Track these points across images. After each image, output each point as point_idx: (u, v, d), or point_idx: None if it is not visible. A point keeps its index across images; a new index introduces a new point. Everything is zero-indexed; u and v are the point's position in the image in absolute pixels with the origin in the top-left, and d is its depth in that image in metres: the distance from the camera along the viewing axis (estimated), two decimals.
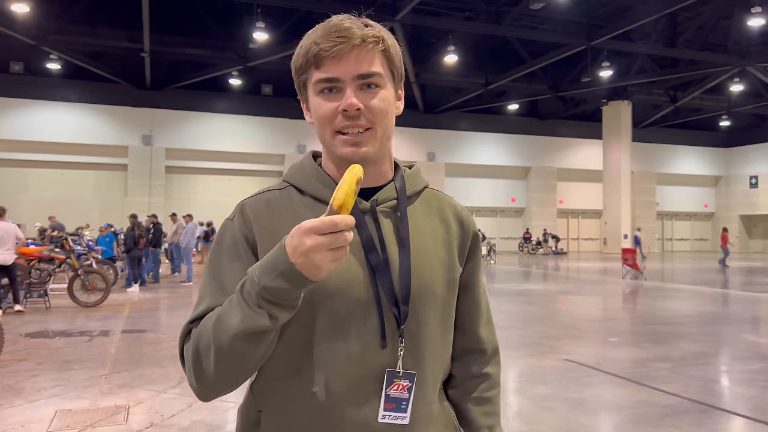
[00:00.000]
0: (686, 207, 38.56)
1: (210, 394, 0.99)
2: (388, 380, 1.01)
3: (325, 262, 0.85)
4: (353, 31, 1.00)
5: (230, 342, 0.92)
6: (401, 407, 1.02)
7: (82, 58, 23.34)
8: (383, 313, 1.01)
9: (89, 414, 4.40)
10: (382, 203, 1.07)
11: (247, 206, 1.08)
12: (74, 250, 10.85)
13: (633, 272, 16.43)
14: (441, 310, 1.09)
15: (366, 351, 1.00)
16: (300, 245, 0.84)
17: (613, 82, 27.10)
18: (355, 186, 0.88)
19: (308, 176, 1.10)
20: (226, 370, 0.95)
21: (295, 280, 0.87)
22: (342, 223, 0.84)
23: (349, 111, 1.00)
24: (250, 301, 0.90)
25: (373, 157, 1.04)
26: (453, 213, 1.16)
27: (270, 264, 0.88)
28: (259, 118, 28.27)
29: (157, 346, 6.93)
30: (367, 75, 1.01)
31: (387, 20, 19.98)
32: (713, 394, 5.12)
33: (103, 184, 26.57)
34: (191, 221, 15.58)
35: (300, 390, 1.01)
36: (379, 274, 1.02)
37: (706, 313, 10.10)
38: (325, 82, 1.02)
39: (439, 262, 1.09)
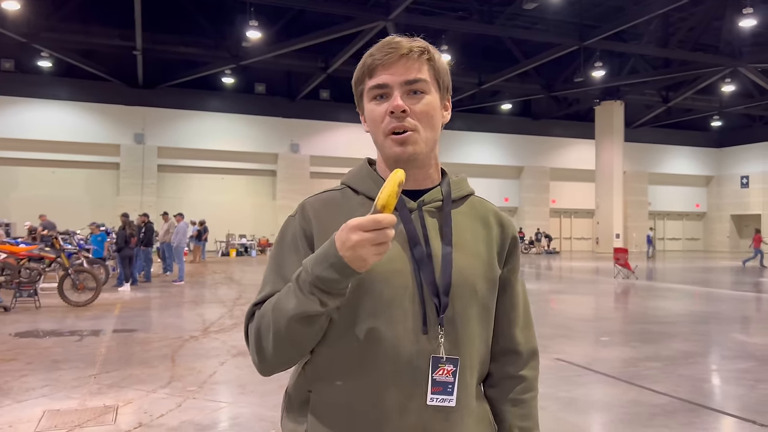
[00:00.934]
0: (678, 207, 38.76)
1: (270, 369, 1.12)
2: (433, 365, 1.09)
3: (369, 255, 0.96)
4: (402, 44, 1.14)
5: (286, 324, 1.04)
6: (447, 390, 1.10)
7: (73, 56, 23.20)
8: (425, 302, 1.10)
9: (77, 414, 4.37)
10: (428, 203, 1.18)
11: (307, 205, 1.19)
12: (65, 249, 10.78)
13: (625, 272, 16.49)
14: (480, 306, 1.17)
15: (408, 336, 1.09)
16: (347, 240, 0.96)
17: (606, 82, 27.20)
18: (396, 188, 0.97)
19: (363, 178, 1.22)
20: (282, 348, 1.08)
21: (342, 270, 0.98)
22: (384, 221, 0.95)
23: (395, 112, 1.11)
24: (304, 289, 1.02)
25: (419, 157, 1.15)
26: (495, 217, 1.25)
27: (322, 256, 1.00)
28: (252, 117, 28.19)
29: (147, 345, 6.90)
30: (413, 81, 1.13)
31: (380, 19, 19.98)
32: (703, 393, 5.14)
33: (95, 182, 26.44)
34: (182, 220, 15.52)
35: (347, 371, 1.10)
36: (422, 267, 1.12)
37: (697, 312, 10.15)
38: (377, 89, 1.14)
39: (479, 260, 1.18)
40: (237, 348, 6.75)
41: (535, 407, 1.26)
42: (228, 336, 7.49)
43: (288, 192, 28.64)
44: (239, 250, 26.55)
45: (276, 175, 29.10)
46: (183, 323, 8.54)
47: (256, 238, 27.83)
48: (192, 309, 9.95)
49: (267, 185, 29.55)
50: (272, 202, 29.19)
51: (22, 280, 9.75)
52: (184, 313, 9.57)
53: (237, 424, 4.25)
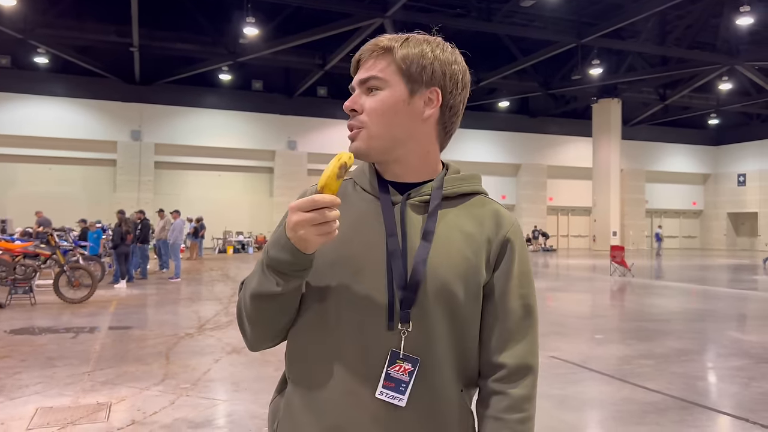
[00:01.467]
0: (675, 204, 38.82)
1: (252, 344, 1.17)
2: (390, 360, 1.08)
3: (310, 236, 0.98)
4: (371, 45, 1.15)
5: (250, 301, 1.09)
6: (400, 389, 1.07)
7: (70, 52, 23.12)
8: (393, 296, 1.08)
9: (70, 411, 4.37)
10: (414, 198, 1.16)
11: (308, 192, 1.18)
12: (60, 246, 10.76)
13: (621, 269, 16.52)
14: (454, 309, 1.10)
15: (373, 328, 1.08)
16: (289, 221, 0.99)
17: (603, 80, 27.20)
18: (338, 170, 0.99)
19: (362, 171, 1.24)
20: (253, 325, 1.12)
21: (291, 251, 1.01)
22: (321, 201, 0.96)
23: (345, 110, 1.15)
24: (264, 269, 1.06)
25: (372, 153, 1.14)
26: (493, 217, 1.18)
27: (277, 237, 1.04)
28: (249, 114, 28.14)
29: (142, 343, 6.90)
30: (365, 80, 1.14)
31: (377, 16, 19.95)
32: (696, 391, 5.15)
33: (92, 179, 26.37)
34: (179, 217, 15.49)
35: (315, 358, 1.12)
36: (394, 260, 1.09)
37: (692, 310, 10.17)
38: (352, 89, 1.18)
39: (462, 262, 1.11)
40: (232, 345, 6.75)
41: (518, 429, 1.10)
42: (223, 333, 7.49)
43: (285, 189, 28.61)
44: (236, 247, 26.52)
45: (273, 172, 29.06)
46: (178, 320, 8.53)
47: (253, 235, 27.81)
48: (188, 306, 9.95)
49: (264, 182, 29.52)
50: (269, 199, 29.16)
51: (18, 277, 9.73)
52: (180, 310, 9.56)
53: (231, 422, 4.25)
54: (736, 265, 21.94)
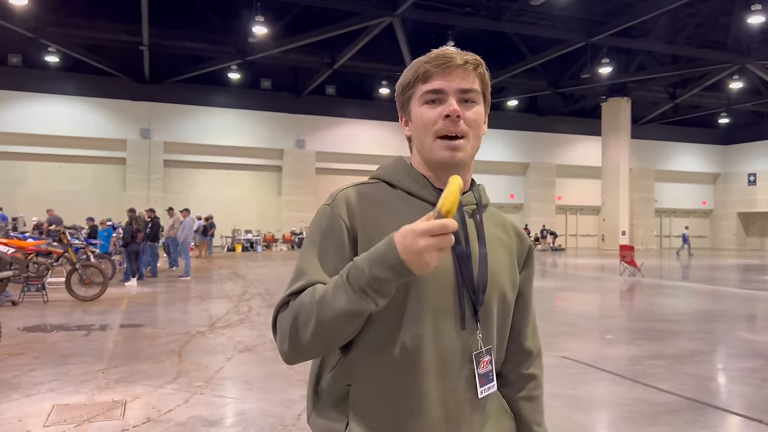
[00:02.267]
0: (684, 204, 38.62)
1: (299, 358, 1.14)
2: (476, 361, 1.18)
3: (433, 259, 0.99)
4: (455, 56, 1.19)
5: (332, 319, 1.06)
6: (489, 378, 1.21)
7: (80, 50, 23.28)
8: (463, 299, 1.16)
9: (86, 409, 4.41)
10: (466, 206, 1.24)
11: (348, 197, 1.20)
12: (72, 244, 10.84)
13: (630, 269, 16.46)
14: (505, 306, 1.26)
15: (447, 331, 1.15)
16: (413, 245, 0.98)
17: (613, 79, 27.10)
18: (458, 194, 1.01)
19: (401, 173, 1.25)
20: (321, 340, 1.09)
21: (403, 273, 1.01)
22: (451, 227, 0.98)
23: (451, 116, 1.16)
24: (356, 288, 1.03)
25: (465, 164, 1.21)
26: (512, 227, 1.35)
27: (380, 257, 1.02)
28: (258, 113, 28.23)
29: (154, 340, 6.94)
30: (468, 90, 1.19)
31: (386, 15, 19.96)
32: (708, 391, 5.14)
33: (102, 177, 26.52)
34: (188, 216, 15.57)
35: (388, 364, 1.13)
36: (463, 265, 1.17)
37: (703, 310, 10.13)
38: (432, 93, 1.18)
39: (505, 264, 1.26)
40: (243, 344, 6.78)
41: (542, 402, 1.38)
42: (234, 332, 7.53)
43: (293, 188, 28.68)
44: (245, 245, 26.62)
45: (281, 171, 29.14)
46: (189, 318, 8.58)
47: (261, 233, 27.90)
48: (198, 304, 10.00)
49: (272, 181, 29.60)
50: (278, 197, 29.24)
51: (30, 275, 9.82)
52: (191, 308, 9.62)
53: (244, 420, 4.28)
54: (746, 265, 21.81)
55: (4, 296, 9.67)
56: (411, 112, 1.23)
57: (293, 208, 28.73)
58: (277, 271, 16.92)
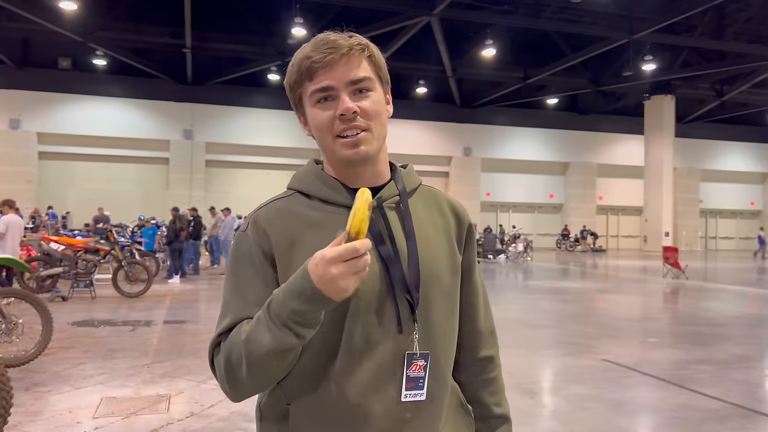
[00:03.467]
0: (731, 204, 37.42)
1: (242, 397, 1.08)
2: (408, 362, 1.09)
3: (350, 284, 0.93)
4: (339, 42, 1.08)
5: (261, 358, 1.00)
6: (419, 385, 1.10)
7: (126, 54, 23.95)
8: (398, 301, 1.09)
9: (133, 402, 4.54)
10: (386, 200, 1.14)
11: (259, 218, 1.13)
12: (118, 242, 11.16)
13: (674, 271, 16.05)
14: (447, 295, 1.17)
15: (384, 338, 1.08)
16: (326, 273, 0.92)
17: (656, 76, 26.44)
18: (368, 211, 0.94)
19: (313, 181, 1.17)
20: (258, 379, 1.04)
21: (322, 303, 0.95)
22: (362, 248, 0.92)
23: (346, 114, 1.07)
24: (277, 323, 0.98)
25: (373, 156, 1.12)
26: (449, 206, 1.25)
27: (296, 290, 0.96)
28: None
29: (196, 337, 7.10)
30: (358, 80, 1.09)
31: (425, 14, 19.92)
32: (757, 398, 4.98)
33: (146, 177, 27.22)
34: (229, 215, 15.84)
35: (327, 381, 1.07)
36: (391, 265, 1.09)
37: (751, 314, 9.81)
38: (321, 92, 1.09)
39: (442, 250, 1.17)
40: None
41: (501, 381, 1.32)
42: None
43: None
44: None
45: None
46: None
47: None
48: None
49: None
50: None
51: (79, 271, 10.15)
52: None
53: None
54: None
55: (55, 292, 10.02)
56: (305, 112, 1.14)
57: None
58: None
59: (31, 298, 5.73)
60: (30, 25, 21.04)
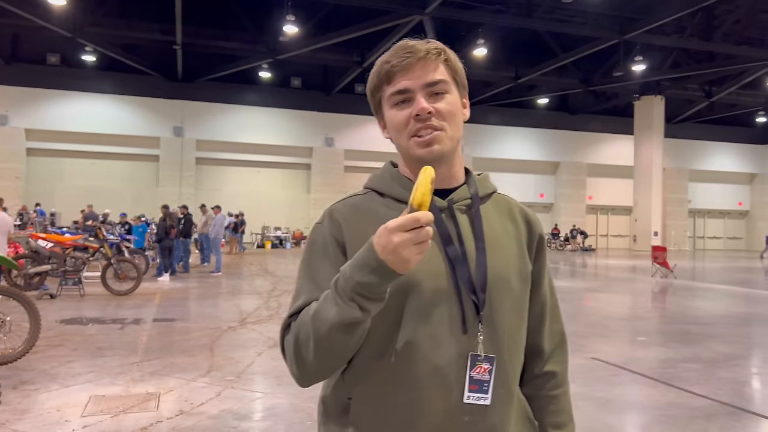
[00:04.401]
0: (719, 205, 37.74)
1: (309, 379, 1.12)
2: (471, 363, 1.10)
3: (412, 255, 0.95)
4: (417, 47, 1.15)
5: (327, 333, 1.03)
6: (483, 389, 1.11)
7: (116, 50, 23.77)
8: (463, 301, 1.11)
9: (122, 400, 4.52)
10: (457, 202, 1.18)
11: (335, 211, 1.20)
12: (107, 240, 11.09)
13: (663, 270, 16.16)
14: (515, 300, 1.18)
15: (448, 336, 1.10)
16: (388, 243, 0.95)
17: (646, 77, 26.61)
18: (430, 185, 0.97)
19: (388, 180, 1.22)
20: (323, 357, 1.07)
21: (385, 274, 0.97)
22: (423, 219, 0.94)
23: (421, 114, 1.12)
24: (344, 296, 1.01)
25: (446, 156, 1.16)
26: (521, 214, 1.27)
27: (361, 262, 0.99)
28: (287, 111, 28.46)
29: (186, 335, 7.07)
30: (433, 83, 1.14)
31: (416, 13, 19.92)
32: (744, 397, 5.03)
33: (135, 174, 27.07)
34: (220, 212, 15.79)
35: (388, 375, 1.10)
36: (458, 266, 1.12)
37: (739, 313, 9.90)
38: (398, 95, 1.15)
39: (511, 256, 1.19)
40: (273, 339, 6.86)
41: (567, 402, 1.28)
42: (264, 327, 7.62)
43: (322, 185, 28.86)
44: (274, 242, 26.88)
45: (311, 169, 29.35)
46: (220, 313, 8.71)
47: (290, 230, 28.15)
48: (229, 300, 10.14)
49: (302, 179, 29.83)
50: (307, 195, 29.46)
51: (68, 269, 10.08)
52: (222, 303, 9.76)
53: (274, 414, 4.33)
54: None
55: (43, 289, 9.95)
56: (384, 115, 1.20)
57: (322, 206, 28.60)
58: None
59: (19, 295, 5.68)
60: (18, 21, 20.83)
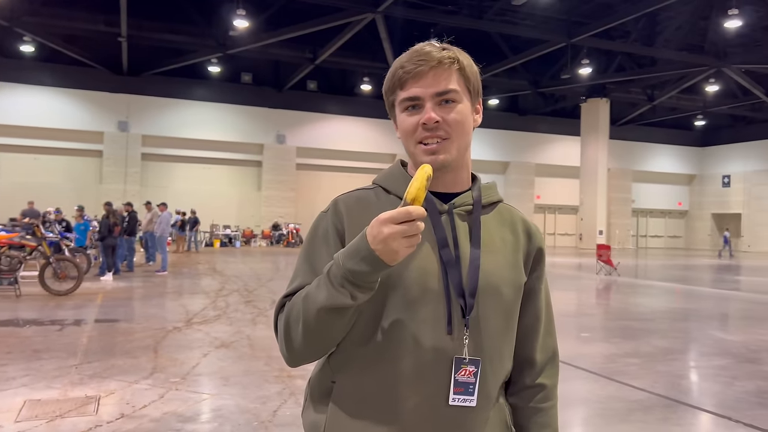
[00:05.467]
0: (661, 204, 39.19)
1: (297, 359, 1.15)
2: (456, 366, 1.12)
3: (401, 247, 0.98)
4: (432, 54, 1.16)
5: (316, 315, 1.07)
6: (469, 391, 1.13)
7: (56, 41, 22.86)
8: (451, 303, 1.13)
9: (59, 404, 4.35)
10: (458, 207, 1.20)
11: (340, 201, 1.22)
12: (46, 238, 10.66)
13: (607, 268, 16.66)
14: (505, 310, 1.19)
15: (433, 336, 1.12)
16: (379, 234, 0.98)
17: (592, 80, 27.37)
18: (425, 182, 1.00)
19: (395, 178, 1.24)
20: (311, 339, 1.11)
21: (374, 264, 1.00)
22: (415, 213, 0.97)
23: (428, 124, 1.15)
24: (335, 282, 1.04)
25: (451, 164, 1.18)
26: (523, 226, 1.28)
27: (353, 250, 1.02)
28: (238, 107, 28.00)
29: (130, 336, 6.86)
30: (444, 92, 1.16)
31: (369, 11, 19.91)
32: (680, 389, 5.23)
33: (78, 170, 26.11)
34: (166, 210, 15.40)
35: (372, 364, 1.13)
36: (450, 269, 1.14)
37: (677, 309, 10.29)
38: (408, 101, 1.17)
39: (506, 266, 1.20)
40: (220, 339, 6.73)
41: (554, 416, 1.28)
42: (211, 327, 7.47)
43: (273, 183, 28.53)
44: (223, 240, 26.42)
45: (261, 166, 28.96)
46: (166, 314, 8.50)
47: (240, 229, 27.70)
48: (175, 299, 9.90)
49: (252, 176, 29.40)
50: (257, 192, 29.05)
51: (2, 268, 9.64)
52: (167, 303, 9.52)
53: (220, 416, 4.25)
54: (719, 266, 22.21)
55: None
56: (396, 117, 1.23)
57: (273, 204, 28.58)
58: (256, 267, 16.83)
59: None
60: None
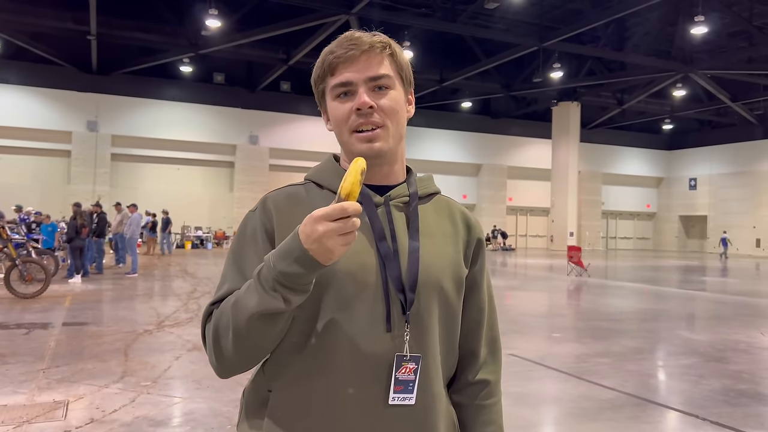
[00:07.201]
0: (630, 206, 39.93)
1: (228, 371, 1.07)
2: (397, 364, 1.06)
3: (336, 246, 0.92)
4: (363, 39, 1.11)
5: (247, 322, 0.99)
6: (408, 388, 1.08)
7: (23, 38, 22.35)
8: (390, 299, 1.07)
9: (26, 410, 4.25)
10: (395, 198, 1.15)
11: (269, 199, 1.16)
12: (12, 239, 10.41)
13: (578, 269, 16.90)
14: (446, 303, 1.14)
15: (371, 335, 1.06)
16: (313, 232, 0.91)
17: (563, 83, 27.78)
18: (360, 176, 0.94)
19: (328, 172, 1.18)
20: (242, 348, 1.03)
21: (308, 264, 0.94)
22: (350, 209, 0.91)
23: (362, 109, 1.08)
24: (266, 285, 0.96)
25: (387, 153, 1.13)
26: (462, 217, 1.23)
27: (285, 250, 0.95)
28: (210, 107, 27.72)
29: (99, 339, 6.74)
30: (377, 77, 1.10)
31: (342, 13, 19.91)
32: (649, 388, 5.33)
33: (45, 170, 25.56)
34: (136, 211, 15.17)
35: (308, 368, 1.06)
36: (388, 263, 1.08)
37: (645, 309, 10.49)
38: (340, 87, 1.11)
39: (446, 258, 1.15)
40: (192, 342, 6.66)
41: (498, 412, 1.23)
42: (183, 330, 7.38)
43: (246, 184, 28.30)
44: (195, 242, 26.11)
45: (234, 167, 28.71)
46: (136, 317, 8.37)
47: (212, 230, 27.42)
48: (145, 302, 9.76)
49: (224, 177, 29.13)
50: (230, 194, 28.79)
51: None
52: (138, 306, 9.38)
53: (192, 420, 4.20)
54: (686, 267, 22.71)
55: None
56: (327, 107, 1.16)
57: (246, 205, 28.32)
58: None
59: None
60: None
